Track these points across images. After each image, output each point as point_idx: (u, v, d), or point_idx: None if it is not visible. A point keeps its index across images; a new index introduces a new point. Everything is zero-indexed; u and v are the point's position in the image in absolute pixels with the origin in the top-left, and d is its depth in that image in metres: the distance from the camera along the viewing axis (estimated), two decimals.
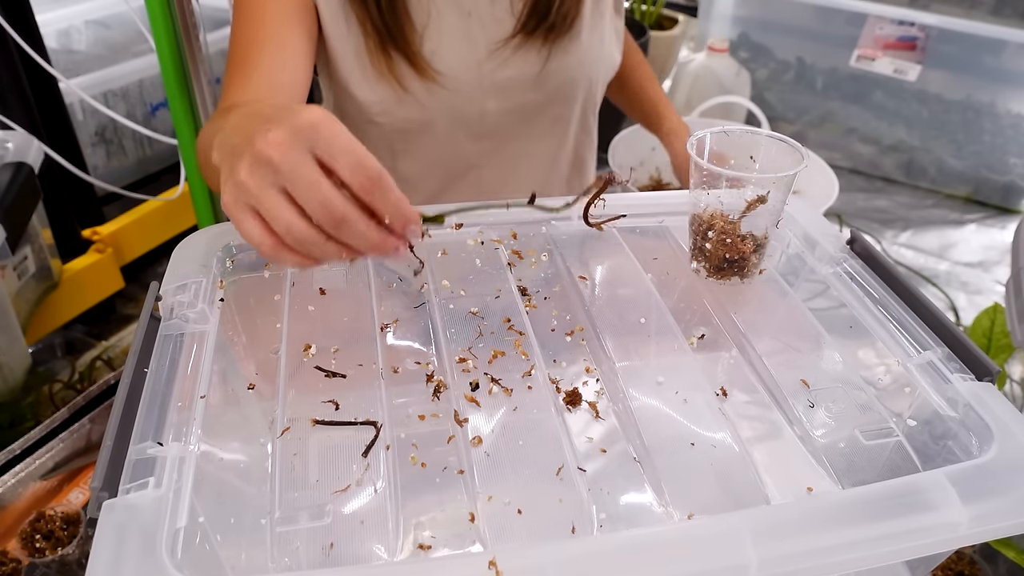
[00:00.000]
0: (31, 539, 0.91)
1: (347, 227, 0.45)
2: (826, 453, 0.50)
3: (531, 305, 0.61)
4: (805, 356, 0.57)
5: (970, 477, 0.42)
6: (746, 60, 1.93)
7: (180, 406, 0.47)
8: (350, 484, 0.46)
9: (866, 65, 1.78)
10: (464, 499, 0.46)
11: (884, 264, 0.60)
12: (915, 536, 0.40)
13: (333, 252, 0.46)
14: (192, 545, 0.40)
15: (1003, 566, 0.92)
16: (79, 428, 1.01)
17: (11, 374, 1.12)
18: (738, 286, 0.63)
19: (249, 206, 0.45)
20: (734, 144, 0.62)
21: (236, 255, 0.62)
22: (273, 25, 0.76)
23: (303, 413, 0.50)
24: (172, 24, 0.95)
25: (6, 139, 1.14)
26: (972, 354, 0.51)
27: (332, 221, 0.44)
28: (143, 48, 1.68)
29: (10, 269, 1.11)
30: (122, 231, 1.41)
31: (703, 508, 0.46)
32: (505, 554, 0.37)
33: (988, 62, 1.66)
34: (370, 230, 0.45)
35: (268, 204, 0.44)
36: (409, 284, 0.63)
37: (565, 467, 0.47)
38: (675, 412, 0.52)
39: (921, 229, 1.70)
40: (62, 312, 1.31)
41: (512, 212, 0.68)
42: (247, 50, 0.75)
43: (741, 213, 0.60)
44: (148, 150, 1.68)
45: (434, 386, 0.54)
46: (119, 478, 0.41)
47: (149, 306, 0.53)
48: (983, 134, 1.72)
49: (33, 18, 1.20)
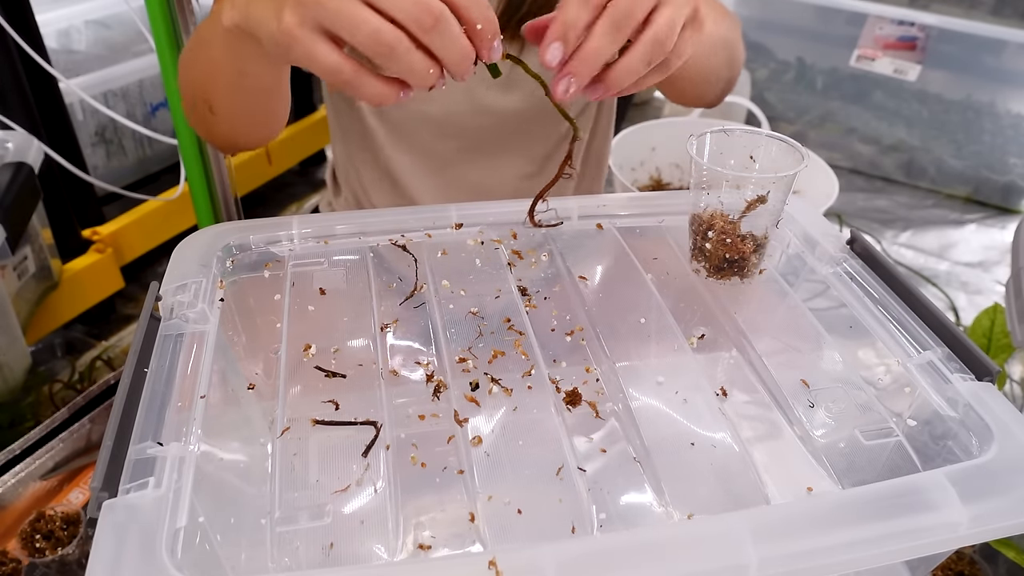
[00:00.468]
0: (31, 539, 0.91)
1: (440, 28, 0.41)
2: (826, 453, 0.50)
3: (531, 305, 0.61)
4: (805, 356, 0.57)
5: (970, 477, 0.42)
6: (746, 60, 1.93)
7: (180, 406, 0.47)
8: (350, 484, 0.46)
9: (866, 65, 1.78)
10: (464, 499, 0.46)
11: (884, 264, 0.60)
12: (915, 536, 0.40)
13: (421, 65, 0.42)
14: (192, 545, 0.40)
15: (1003, 566, 0.92)
16: (79, 428, 1.02)
17: (11, 374, 1.12)
18: (738, 286, 0.63)
19: (320, 27, 0.41)
20: (734, 144, 0.62)
21: (236, 255, 0.63)
22: None
23: (303, 413, 0.50)
24: (172, 24, 0.95)
25: (6, 139, 1.14)
26: (972, 354, 0.51)
27: (427, 21, 0.40)
28: (143, 48, 1.68)
29: (10, 269, 1.11)
30: (122, 231, 1.41)
31: (703, 508, 0.46)
32: (505, 554, 0.37)
33: (988, 62, 1.66)
34: (462, 35, 0.42)
35: (349, 11, 0.40)
36: (409, 284, 0.63)
37: (565, 467, 0.47)
38: (675, 412, 0.52)
39: (921, 229, 1.70)
40: (62, 312, 1.31)
41: (512, 212, 0.68)
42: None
43: (741, 213, 0.60)
44: (148, 150, 1.68)
45: (434, 386, 0.54)
46: (119, 478, 0.41)
47: (149, 306, 0.53)
48: (983, 134, 1.73)
49: (33, 18, 1.20)
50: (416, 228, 0.65)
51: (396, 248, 0.65)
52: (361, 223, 0.65)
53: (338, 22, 0.40)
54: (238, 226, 0.64)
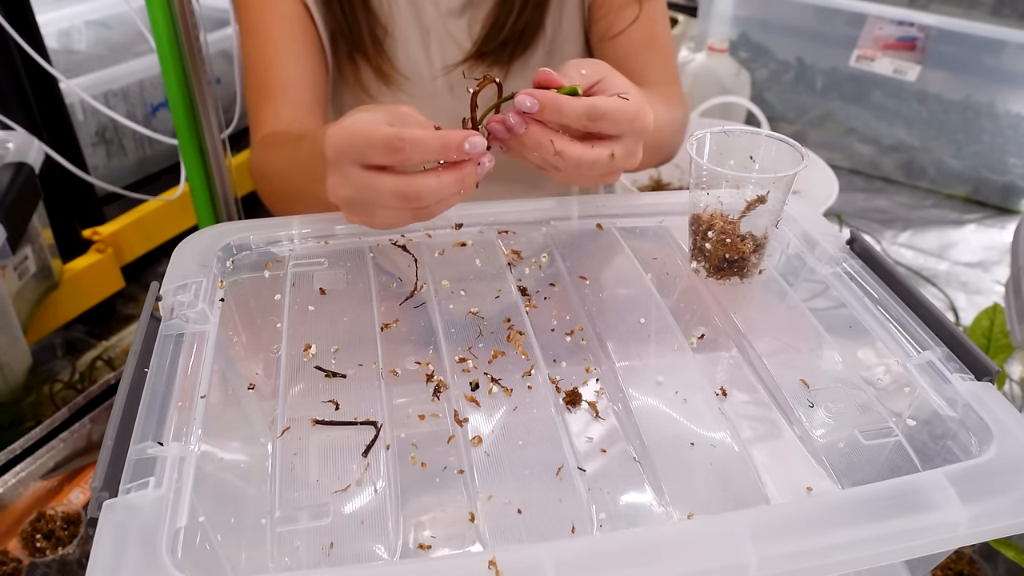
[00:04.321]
0: (32, 539, 0.91)
1: (426, 200, 0.51)
2: (826, 453, 0.50)
3: (531, 305, 0.61)
4: (805, 356, 0.57)
5: (970, 477, 0.42)
6: (746, 60, 1.93)
7: (180, 406, 0.47)
8: (350, 484, 0.46)
9: (866, 65, 1.78)
10: (464, 499, 0.46)
11: (884, 264, 0.60)
12: (915, 536, 0.40)
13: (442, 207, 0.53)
14: (192, 545, 0.40)
15: (1003, 566, 0.92)
16: (79, 428, 1.02)
17: (11, 374, 1.12)
18: (738, 286, 0.63)
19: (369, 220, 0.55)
20: (734, 144, 0.62)
21: (236, 255, 0.63)
22: (283, 42, 0.78)
23: (303, 413, 0.50)
24: (172, 24, 0.95)
25: (7, 139, 1.14)
26: (972, 354, 0.51)
27: (411, 202, 0.51)
28: (143, 48, 1.68)
29: (11, 269, 1.11)
30: (122, 231, 1.41)
31: (703, 508, 0.46)
32: (505, 554, 0.37)
33: (988, 62, 1.66)
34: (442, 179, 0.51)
35: (375, 222, 0.54)
36: (409, 284, 0.63)
37: (565, 467, 0.47)
38: (675, 412, 0.52)
39: (921, 229, 1.70)
40: (62, 312, 1.31)
41: (512, 212, 0.68)
42: (264, 73, 0.79)
43: (741, 213, 0.60)
44: (148, 150, 1.68)
45: (434, 386, 0.54)
46: (119, 478, 0.41)
47: (149, 306, 0.53)
48: (983, 134, 1.73)
49: (33, 18, 1.20)
50: (416, 228, 0.66)
51: (396, 248, 0.65)
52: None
53: (374, 224, 0.55)
54: (238, 226, 0.64)
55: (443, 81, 0.83)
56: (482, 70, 0.84)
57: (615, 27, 0.83)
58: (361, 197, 0.52)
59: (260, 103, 0.79)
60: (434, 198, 0.51)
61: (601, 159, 0.56)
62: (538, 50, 0.83)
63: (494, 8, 0.80)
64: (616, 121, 0.55)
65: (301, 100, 0.79)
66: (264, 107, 0.79)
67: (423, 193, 0.51)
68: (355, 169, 0.51)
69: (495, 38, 0.81)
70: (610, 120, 0.55)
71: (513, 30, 0.80)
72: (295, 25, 0.79)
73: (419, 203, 0.51)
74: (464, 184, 0.52)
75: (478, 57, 0.82)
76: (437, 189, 0.51)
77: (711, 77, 1.80)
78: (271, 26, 0.78)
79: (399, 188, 0.51)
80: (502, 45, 0.81)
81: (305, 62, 0.80)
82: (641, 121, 0.57)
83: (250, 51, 0.80)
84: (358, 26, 0.80)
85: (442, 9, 0.81)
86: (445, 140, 0.50)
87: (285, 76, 0.78)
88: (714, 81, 1.80)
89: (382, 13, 0.80)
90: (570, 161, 0.55)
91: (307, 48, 0.80)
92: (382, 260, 0.65)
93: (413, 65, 0.83)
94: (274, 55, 0.79)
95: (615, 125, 0.55)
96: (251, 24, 0.79)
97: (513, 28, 0.80)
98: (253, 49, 0.80)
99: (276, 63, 0.79)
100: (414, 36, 0.82)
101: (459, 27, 0.82)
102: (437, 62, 0.83)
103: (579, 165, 0.56)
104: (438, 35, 0.82)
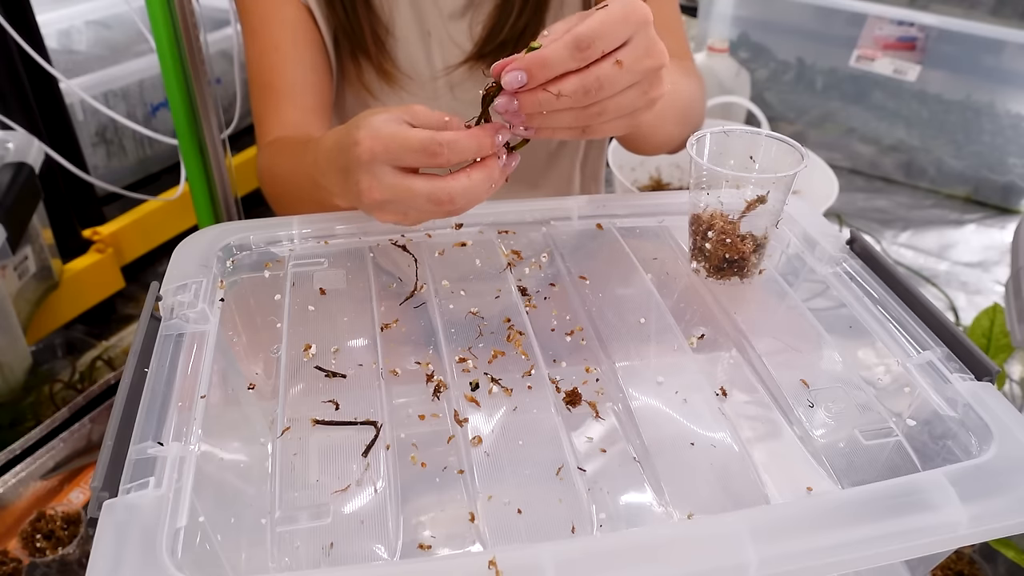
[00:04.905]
0: (32, 539, 0.91)
1: (458, 202, 0.52)
2: (826, 453, 0.50)
3: (531, 305, 0.61)
4: (805, 356, 0.57)
5: (969, 477, 0.42)
6: (746, 60, 1.93)
7: (180, 406, 0.47)
8: (350, 484, 0.46)
9: (866, 65, 1.78)
10: (464, 499, 0.46)
11: (884, 264, 0.60)
12: (915, 536, 0.40)
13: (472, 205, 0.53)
14: (192, 545, 0.40)
15: (1003, 566, 0.92)
16: (79, 428, 1.02)
17: (12, 374, 1.12)
18: (738, 286, 0.63)
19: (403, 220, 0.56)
20: (734, 144, 0.62)
21: (236, 255, 0.63)
22: (287, 47, 0.79)
23: (303, 413, 0.50)
24: (172, 24, 0.95)
25: (6, 139, 1.14)
26: (972, 354, 0.51)
27: (445, 205, 0.52)
28: (143, 48, 1.68)
29: (11, 269, 1.11)
30: (122, 231, 1.41)
31: (703, 508, 0.46)
32: (505, 554, 0.37)
33: (988, 62, 1.66)
34: (472, 180, 0.52)
35: (408, 220, 0.55)
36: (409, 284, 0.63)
37: (565, 467, 0.47)
38: (675, 412, 0.52)
39: (921, 229, 1.70)
40: (62, 312, 1.31)
41: (512, 212, 0.68)
42: (270, 78, 0.79)
43: (741, 213, 0.60)
44: (148, 150, 1.68)
45: (434, 386, 0.54)
46: (119, 478, 0.41)
47: (149, 306, 0.53)
48: (983, 134, 1.73)
49: (33, 18, 1.20)
50: (416, 228, 0.66)
51: (396, 248, 0.65)
52: (361, 223, 0.65)
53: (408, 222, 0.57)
54: (238, 226, 0.64)
55: (444, 81, 0.83)
56: (483, 71, 0.84)
57: None
58: (395, 199, 0.53)
59: (266, 108, 0.80)
60: (467, 199, 0.52)
61: (606, 73, 0.50)
62: None
63: (495, 10, 0.80)
64: (608, 33, 0.49)
65: (307, 104, 0.79)
66: (270, 112, 0.79)
67: (456, 195, 0.51)
68: (389, 173, 0.52)
69: (495, 39, 0.81)
70: (601, 36, 0.49)
71: (513, 31, 0.80)
72: (299, 29, 0.79)
73: (452, 206, 0.52)
74: (492, 181, 0.53)
75: (479, 58, 0.82)
76: (469, 189, 0.52)
77: (711, 77, 1.81)
78: (275, 31, 0.79)
79: (433, 193, 0.51)
80: (502, 46, 0.81)
81: (310, 66, 0.80)
82: (636, 11, 0.50)
83: (254, 56, 0.80)
84: (360, 25, 0.80)
85: (443, 11, 0.81)
86: (479, 140, 0.51)
87: (291, 81, 0.79)
88: (714, 81, 1.80)
89: (383, 13, 0.81)
90: (579, 90, 0.50)
91: (311, 52, 0.80)
92: (382, 260, 0.65)
93: (414, 66, 0.83)
94: (279, 60, 0.79)
95: (611, 37, 0.49)
96: (255, 29, 0.80)
97: (513, 29, 0.80)
98: (257, 54, 0.80)
99: (281, 68, 0.79)
100: (415, 37, 0.82)
101: (460, 28, 0.82)
102: (438, 63, 0.83)
103: (589, 89, 0.50)
104: (439, 36, 0.82)
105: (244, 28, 0.81)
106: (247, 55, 0.82)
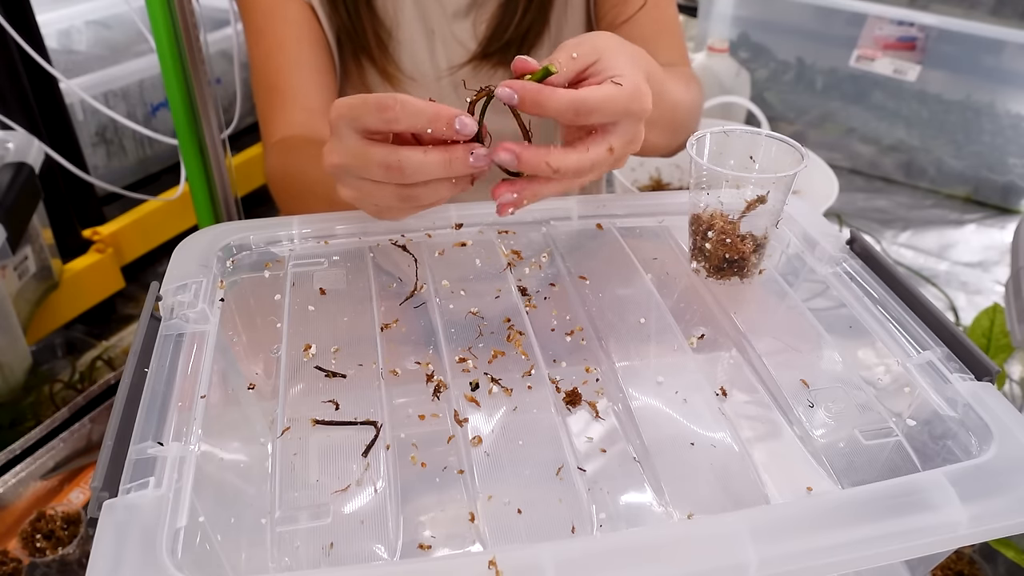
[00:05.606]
0: (32, 539, 0.91)
1: (407, 172, 0.50)
2: (826, 453, 0.50)
3: (531, 305, 0.61)
4: (805, 356, 0.57)
5: (969, 477, 0.42)
6: (746, 60, 1.93)
7: (180, 406, 0.47)
8: (350, 484, 0.46)
9: (866, 65, 1.78)
10: (464, 499, 0.46)
11: (884, 264, 0.60)
12: (915, 536, 0.40)
13: (431, 194, 0.53)
14: (192, 545, 0.40)
15: (1003, 566, 0.92)
16: (79, 428, 1.02)
17: (12, 374, 1.12)
18: (738, 286, 0.63)
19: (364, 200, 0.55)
20: (734, 144, 0.62)
21: (236, 255, 0.63)
22: (291, 47, 0.78)
23: (303, 413, 0.50)
24: (172, 24, 0.95)
25: (6, 139, 1.14)
26: (972, 354, 0.51)
27: (395, 175, 0.50)
28: (143, 48, 1.68)
29: (11, 269, 1.11)
30: (122, 231, 1.41)
31: (703, 508, 0.46)
32: (505, 554, 0.37)
33: (988, 62, 1.66)
34: (428, 156, 0.50)
35: (364, 199, 0.54)
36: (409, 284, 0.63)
37: (565, 467, 0.47)
38: (675, 412, 0.52)
39: (921, 229, 1.70)
40: (62, 312, 1.31)
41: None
42: (275, 79, 0.79)
43: (741, 213, 0.60)
44: (148, 150, 1.68)
45: (434, 386, 0.54)
46: (119, 478, 0.41)
47: (149, 306, 0.53)
48: (983, 134, 1.73)
49: (33, 18, 1.20)
50: (416, 228, 0.66)
51: (396, 248, 0.65)
52: (361, 223, 0.65)
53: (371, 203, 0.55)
54: (238, 226, 0.64)
55: (448, 82, 0.83)
56: (487, 71, 0.84)
57: (623, 15, 0.82)
58: (350, 165, 0.52)
59: (271, 109, 0.79)
60: (419, 175, 0.50)
61: (600, 159, 0.53)
62: (543, 50, 0.83)
63: (499, 9, 0.80)
64: (607, 112, 0.52)
65: (312, 105, 0.79)
66: (276, 112, 0.79)
67: (405, 165, 0.50)
68: (351, 134, 0.51)
69: (500, 39, 0.81)
70: (601, 112, 0.52)
71: (518, 31, 0.80)
72: (303, 30, 0.79)
73: (402, 176, 0.50)
74: (451, 168, 0.50)
75: (483, 58, 0.82)
76: (421, 164, 0.50)
77: (711, 77, 1.81)
78: (279, 31, 0.78)
79: (384, 157, 0.50)
80: (507, 46, 0.81)
81: (315, 67, 0.80)
82: (638, 103, 0.53)
83: (259, 57, 0.80)
84: (362, 28, 0.80)
85: (447, 10, 0.81)
86: (436, 108, 0.49)
87: (296, 81, 0.79)
88: (714, 81, 1.80)
89: (386, 15, 0.80)
90: (568, 173, 0.53)
91: (316, 53, 0.80)
92: (382, 260, 0.65)
93: (418, 66, 0.83)
94: (284, 60, 0.79)
95: (607, 116, 0.53)
96: (259, 30, 0.79)
97: (518, 29, 0.80)
98: (262, 55, 0.80)
99: (286, 68, 0.79)
100: (419, 37, 0.82)
101: (464, 28, 0.82)
102: (442, 63, 0.83)
103: (579, 174, 0.53)
104: (443, 36, 0.82)
105: (247, 27, 0.81)
106: (250, 55, 0.82)
